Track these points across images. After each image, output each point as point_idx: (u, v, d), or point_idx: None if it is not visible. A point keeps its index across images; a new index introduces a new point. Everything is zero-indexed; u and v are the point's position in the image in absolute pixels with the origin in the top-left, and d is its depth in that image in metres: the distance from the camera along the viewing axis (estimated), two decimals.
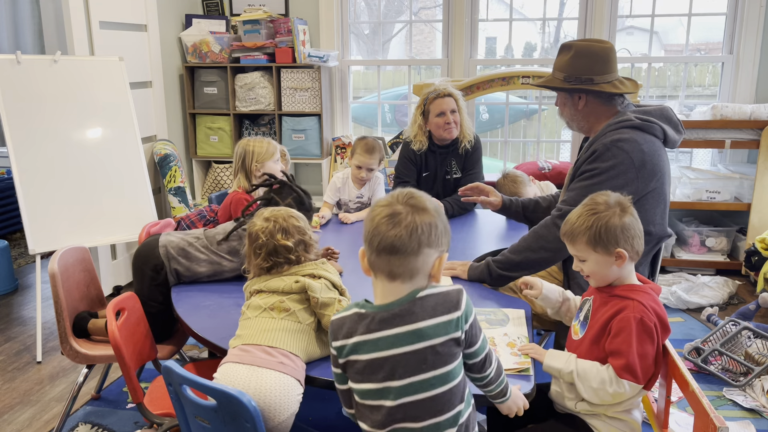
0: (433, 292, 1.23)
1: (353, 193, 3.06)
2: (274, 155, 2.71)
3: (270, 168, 2.69)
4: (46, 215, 3.16)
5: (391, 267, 1.20)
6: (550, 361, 1.58)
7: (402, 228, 1.18)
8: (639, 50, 5.72)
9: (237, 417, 1.41)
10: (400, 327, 1.20)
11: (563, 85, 2.08)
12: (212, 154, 4.55)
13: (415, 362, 1.20)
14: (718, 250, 4.02)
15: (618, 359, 1.48)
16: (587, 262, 1.57)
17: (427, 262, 1.22)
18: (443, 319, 1.20)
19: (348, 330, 1.25)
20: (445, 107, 2.96)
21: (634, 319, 1.48)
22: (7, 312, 3.63)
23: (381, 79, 4.92)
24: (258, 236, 1.70)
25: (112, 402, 2.64)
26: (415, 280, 1.22)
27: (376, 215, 1.22)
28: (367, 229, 1.23)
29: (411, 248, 1.18)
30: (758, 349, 2.77)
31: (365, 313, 1.24)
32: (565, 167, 4.14)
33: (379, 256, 1.21)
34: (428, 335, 1.20)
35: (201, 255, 2.18)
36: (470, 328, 1.23)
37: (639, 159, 1.93)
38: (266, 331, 1.59)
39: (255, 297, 1.68)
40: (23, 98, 3.19)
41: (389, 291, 1.23)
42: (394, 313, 1.21)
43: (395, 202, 1.22)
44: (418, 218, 1.20)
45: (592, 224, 1.52)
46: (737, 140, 3.81)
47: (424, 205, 1.22)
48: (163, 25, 4.26)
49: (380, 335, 1.22)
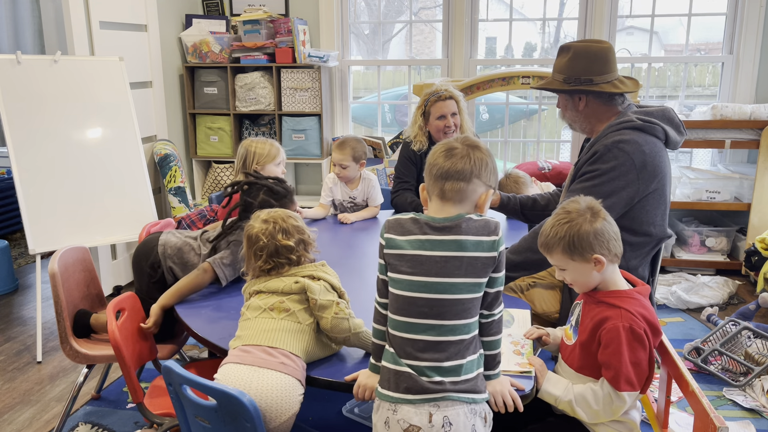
0: (478, 218, 1.41)
1: (345, 193, 3.06)
2: (276, 158, 2.69)
3: (270, 171, 2.67)
4: (46, 215, 3.16)
5: (444, 190, 1.40)
6: (548, 386, 1.56)
7: (458, 158, 1.39)
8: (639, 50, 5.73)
9: (237, 417, 1.41)
10: (447, 235, 1.38)
11: (563, 87, 2.08)
12: (212, 154, 4.55)
13: (451, 266, 1.37)
14: (718, 250, 4.02)
15: (610, 371, 1.47)
16: (567, 271, 1.57)
17: (476, 191, 1.41)
18: (483, 238, 1.38)
19: (401, 227, 1.42)
20: (446, 110, 2.95)
21: (623, 329, 1.46)
22: (7, 312, 3.63)
23: (381, 79, 4.92)
24: (258, 238, 1.69)
25: (112, 402, 2.64)
26: (464, 204, 1.41)
27: (436, 150, 1.43)
28: (429, 161, 1.43)
29: (463, 175, 1.39)
30: (758, 349, 2.77)
31: (419, 219, 1.41)
32: (565, 167, 4.14)
33: (436, 181, 1.41)
34: (468, 248, 1.37)
35: (195, 259, 2.18)
36: (500, 256, 1.40)
37: (640, 160, 1.93)
38: (266, 332, 1.59)
39: (254, 298, 1.68)
40: (23, 98, 3.19)
41: (440, 210, 1.42)
42: (444, 225, 1.39)
43: (453, 141, 1.43)
44: (472, 152, 1.40)
45: (564, 234, 1.52)
46: (737, 140, 3.81)
47: (477, 144, 1.43)
48: (163, 25, 4.26)
49: (428, 237, 1.39)
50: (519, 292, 2.25)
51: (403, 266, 1.39)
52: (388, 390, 1.39)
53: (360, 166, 3.01)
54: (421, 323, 1.37)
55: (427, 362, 1.36)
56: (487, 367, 1.45)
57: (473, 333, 1.40)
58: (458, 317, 1.37)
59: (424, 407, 1.35)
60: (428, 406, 1.35)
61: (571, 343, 1.61)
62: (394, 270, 1.41)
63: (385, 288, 1.46)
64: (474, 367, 1.39)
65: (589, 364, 1.54)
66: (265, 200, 2.11)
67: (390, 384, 1.39)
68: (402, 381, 1.37)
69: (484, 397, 1.40)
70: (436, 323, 1.37)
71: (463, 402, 1.36)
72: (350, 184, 3.06)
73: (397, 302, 1.41)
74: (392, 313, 1.42)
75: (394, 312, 1.42)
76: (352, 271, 2.25)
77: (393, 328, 1.42)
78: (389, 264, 1.43)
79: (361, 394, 1.49)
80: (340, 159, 2.98)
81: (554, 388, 1.55)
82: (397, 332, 1.41)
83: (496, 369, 1.46)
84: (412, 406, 1.36)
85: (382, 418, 1.40)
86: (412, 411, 1.35)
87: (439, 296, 1.36)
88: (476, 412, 1.38)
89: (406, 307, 1.39)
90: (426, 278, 1.37)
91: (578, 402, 1.51)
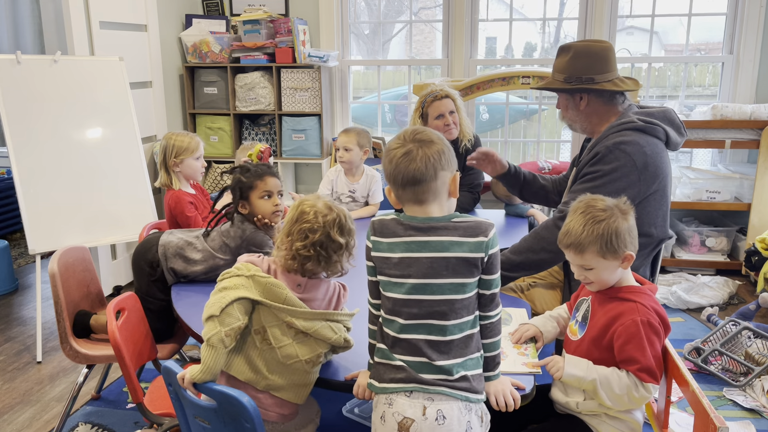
0: (468, 219, 1.40)
1: (345, 186, 3.06)
2: (195, 152, 2.70)
3: (189, 165, 2.68)
4: (46, 215, 3.16)
5: (416, 195, 1.40)
6: (569, 368, 1.53)
7: (418, 161, 1.37)
8: (639, 50, 5.72)
9: (237, 417, 1.41)
10: (432, 236, 1.38)
11: (564, 86, 2.08)
12: (212, 154, 4.54)
13: (438, 267, 1.37)
14: (718, 250, 4.02)
15: (635, 365, 1.48)
16: (594, 270, 1.54)
17: (445, 182, 1.41)
18: (472, 239, 1.37)
19: (386, 229, 1.42)
20: (443, 109, 2.95)
21: (641, 323, 1.47)
22: (7, 312, 3.63)
23: (381, 79, 4.92)
24: (315, 219, 1.51)
25: (112, 402, 2.64)
26: (439, 199, 1.41)
27: (393, 157, 1.40)
28: (389, 169, 1.41)
29: (429, 175, 1.38)
30: (758, 349, 2.77)
31: (403, 221, 1.42)
32: (565, 167, 4.14)
33: (405, 188, 1.40)
34: (455, 248, 1.37)
35: (197, 255, 2.18)
36: (492, 258, 1.39)
37: (641, 161, 1.93)
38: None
39: (277, 327, 1.53)
40: (23, 98, 3.19)
41: (421, 213, 1.42)
42: (430, 225, 1.39)
43: (406, 141, 1.40)
44: (427, 149, 1.38)
45: (602, 232, 1.49)
46: (737, 140, 3.81)
47: (430, 138, 1.40)
48: (163, 25, 4.26)
49: (414, 239, 1.39)
50: (519, 292, 2.25)
51: (391, 269, 1.40)
52: (381, 382, 1.40)
53: (364, 153, 3.04)
54: (412, 324, 1.38)
55: (420, 359, 1.37)
56: (487, 368, 1.45)
57: (466, 333, 1.39)
58: (448, 317, 1.37)
59: (419, 400, 1.36)
60: (422, 399, 1.36)
61: (577, 339, 1.61)
62: (382, 273, 1.42)
63: (376, 289, 1.47)
64: (469, 368, 1.39)
65: (598, 358, 1.54)
66: (238, 180, 2.14)
67: (383, 377, 1.40)
68: (397, 372, 1.38)
69: (479, 398, 1.39)
70: (426, 323, 1.38)
71: (457, 398, 1.36)
72: (352, 176, 3.06)
73: (389, 303, 1.42)
74: (385, 314, 1.44)
75: (387, 312, 1.43)
76: (351, 271, 2.24)
77: (386, 326, 1.43)
78: (377, 266, 1.44)
79: (361, 393, 1.49)
80: (345, 141, 2.99)
81: (576, 369, 1.53)
82: (390, 331, 1.41)
83: (495, 370, 1.46)
84: (407, 399, 1.36)
85: (379, 414, 1.40)
86: (407, 404, 1.36)
87: (428, 297, 1.37)
88: (471, 410, 1.38)
89: (397, 309, 1.40)
90: (414, 280, 1.38)
91: (602, 384, 1.50)
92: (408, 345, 1.38)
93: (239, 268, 1.54)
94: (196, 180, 2.81)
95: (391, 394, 1.38)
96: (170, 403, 1.72)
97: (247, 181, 2.14)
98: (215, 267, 2.16)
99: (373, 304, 1.50)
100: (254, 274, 1.51)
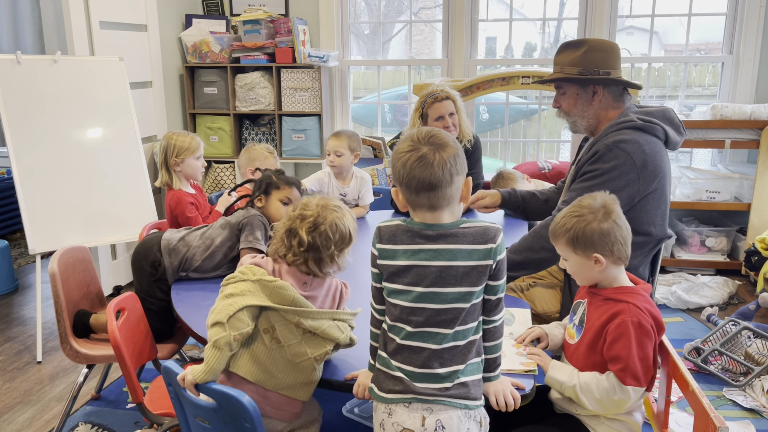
0: (476, 224, 1.38)
1: (336, 190, 3.04)
2: (196, 152, 2.72)
3: (190, 165, 2.70)
4: (46, 215, 3.16)
5: (431, 201, 1.35)
6: (553, 372, 1.56)
7: (435, 166, 1.32)
8: (639, 50, 5.73)
9: (237, 417, 1.41)
10: (441, 244, 1.35)
11: (582, 77, 2.06)
12: (212, 154, 4.54)
13: (446, 276, 1.34)
14: (718, 250, 4.02)
15: (618, 364, 1.47)
16: (569, 262, 1.59)
17: (459, 187, 1.38)
18: (478, 247, 1.34)
19: (394, 237, 1.39)
20: (443, 111, 2.95)
21: (632, 323, 1.47)
22: (7, 312, 3.63)
23: (381, 79, 4.92)
24: (319, 216, 1.52)
25: (112, 402, 2.64)
26: (452, 204, 1.38)
27: (406, 161, 1.34)
28: (401, 174, 1.35)
29: (445, 181, 1.33)
30: (758, 349, 2.77)
31: (411, 228, 1.38)
32: (564, 167, 4.14)
33: (419, 194, 1.34)
34: (464, 257, 1.34)
35: (197, 241, 2.20)
36: (499, 264, 1.37)
37: (641, 160, 1.93)
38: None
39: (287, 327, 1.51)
40: (23, 98, 3.19)
41: (431, 217, 1.37)
42: (439, 233, 1.36)
43: (419, 144, 1.35)
44: (444, 154, 1.33)
45: (572, 227, 1.53)
46: (737, 140, 3.81)
47: (445, 141, 1.35)
48: (163, 25, 4.25)
49: (422, 247, 1.36)
50: (519, 291, 2.25)
51: (398, 277, 1.38)
52: (381, 390, 1.40)
53: (354, 157, 3.01)
54: (417, 331, 1.37)
55: (421, 369, 1.35)
56: (487, 369, 1.44)
57: (469, 339, 1.38)
58: (453, 325, 1.36)
59: (417, 411, 1.35)
60: (421, 409, 1.35)
61: (575, 342, 1.61)
62: (389, 280, 1.40)
63: (380, 295, 1.45)
64: (469, 373, 1.38)
65: (594, 362, 1.53)
66: (267, 174, 2.25)
67: (383, 386, 1.39)
68: (395, 384, 1.37)
69: (477, 404, 1.39)
70: (431, 331, 1.36)
71: (456, 407, 1.35)
72: (343, 180, 3.04)
73: (395, 311, 1.40)
74: (391, 320, 1.42)
75: (393, 320, 1.41)
76: (349, 270, 2.24)
77: (391, 332, 1.41)
78: (384, 274, 1.41)
79: (361, 393, 1.49)
80: (336, 146, 2.96)
81: (559, 374, 1.55)
82: (395, 337, 1.40)
83: (495, 371, 1.46)
84: (406, 410, 1.35)
85: (378, 420, 1.40)
86: (405, 414, 1.35)
87: (436, 306, 1.35)
88: (471, 416, 1.37)
89: (404, 317, 1.38)
90: (422, 289, 1.35)
91: (583, 389, 1.51)
92: (410, 352, 1.37)
93: (244, 272, 1.52)
94: (196, 180, 2.82)
95: (390, 404, 1.38)
96: (170, 403, 1.72)
97: (277, 180, 2.24)
98: (211, 244, 2.18)
99: (377, 309, 1.48)
100: (260, 278, 1.50)
